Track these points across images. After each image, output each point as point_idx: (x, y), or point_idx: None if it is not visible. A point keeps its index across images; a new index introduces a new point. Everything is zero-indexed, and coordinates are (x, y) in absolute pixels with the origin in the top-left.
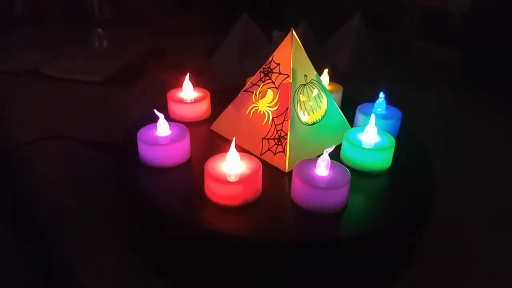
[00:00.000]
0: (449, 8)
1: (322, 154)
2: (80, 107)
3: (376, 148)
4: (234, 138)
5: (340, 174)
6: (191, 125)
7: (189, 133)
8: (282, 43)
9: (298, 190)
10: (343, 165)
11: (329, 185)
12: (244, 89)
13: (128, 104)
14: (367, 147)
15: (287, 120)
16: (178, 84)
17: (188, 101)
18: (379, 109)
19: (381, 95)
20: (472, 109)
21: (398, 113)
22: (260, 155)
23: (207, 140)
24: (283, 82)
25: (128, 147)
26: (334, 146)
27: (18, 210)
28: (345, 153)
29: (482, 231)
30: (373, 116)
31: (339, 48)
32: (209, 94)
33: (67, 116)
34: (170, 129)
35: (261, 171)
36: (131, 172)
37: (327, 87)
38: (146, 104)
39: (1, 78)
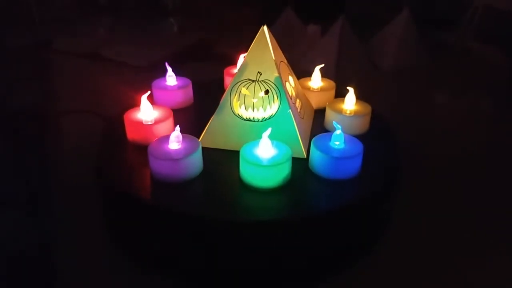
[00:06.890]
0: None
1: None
2: (120, 88)
3: (268, 164)
4: (148, 92)
5: (190, 146)
6: None
7: (191, 83)
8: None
9: (151, 163)
10: (196, 138)
11: (170, 156)
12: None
13: None
14: (264, 163)
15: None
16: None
17: None
18: (336, 143)
19: (337, 125)
20: None
21: (358, 147)
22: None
23: None
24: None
25: None
26: (179, 127)
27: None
28: (242, 169)
29: None
30: (269, 130)
31: (383, 44)
32: None
33: (105, 94)
34: (176, 80)
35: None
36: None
37: (353, 106)
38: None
39: (67, 58)
